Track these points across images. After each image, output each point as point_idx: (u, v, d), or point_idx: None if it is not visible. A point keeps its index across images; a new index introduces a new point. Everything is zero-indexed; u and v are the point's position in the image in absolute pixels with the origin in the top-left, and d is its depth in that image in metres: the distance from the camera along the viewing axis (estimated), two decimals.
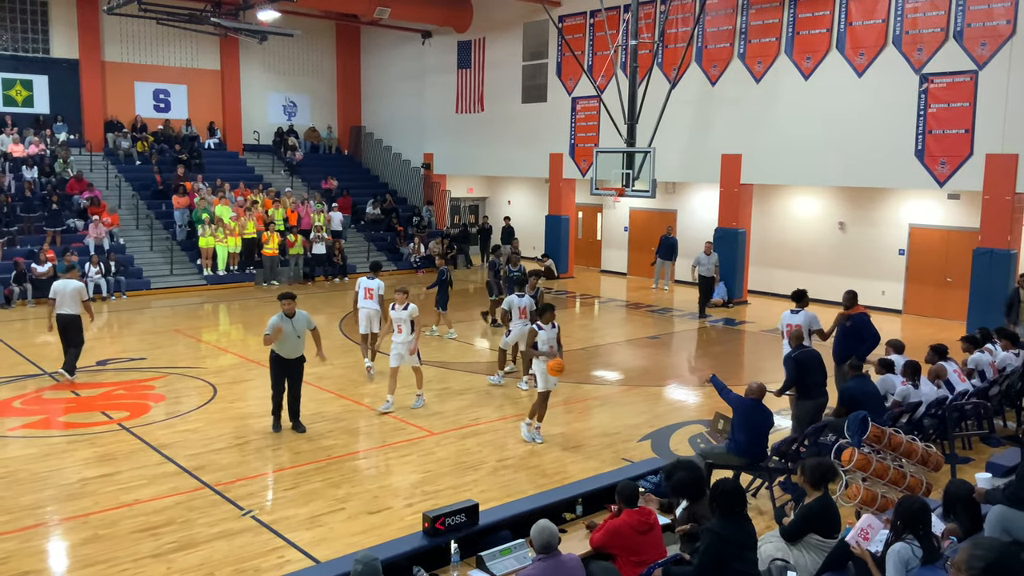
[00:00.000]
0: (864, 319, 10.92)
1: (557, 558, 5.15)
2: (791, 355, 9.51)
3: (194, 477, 8.84)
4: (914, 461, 8.21)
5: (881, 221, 19.47)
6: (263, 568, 6.88)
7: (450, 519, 5.93)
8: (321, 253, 23.23)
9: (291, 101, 29.91)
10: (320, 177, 27.62)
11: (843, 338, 10.92)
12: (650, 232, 23.26)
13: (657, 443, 10.16)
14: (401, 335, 11.10)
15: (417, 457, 9.55)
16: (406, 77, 28.84)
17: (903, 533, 5.28)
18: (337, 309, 19.04)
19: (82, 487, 8.54)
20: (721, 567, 5.38)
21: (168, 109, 27.26)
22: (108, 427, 10.47)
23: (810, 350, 9.63)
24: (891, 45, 17.12)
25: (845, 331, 10.94)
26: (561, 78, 23.75)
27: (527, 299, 12.79)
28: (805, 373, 9.33)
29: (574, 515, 6.67)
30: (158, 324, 17.42)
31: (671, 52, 20.51)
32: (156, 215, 23.33)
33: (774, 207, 21.30)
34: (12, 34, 24.52)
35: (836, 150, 17.97)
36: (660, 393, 12.73)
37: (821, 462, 6.29)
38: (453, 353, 14.92)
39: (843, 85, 17.84)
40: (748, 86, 19.48)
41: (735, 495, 5.60)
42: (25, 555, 7.08)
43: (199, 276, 21.93)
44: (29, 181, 21.94)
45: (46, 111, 25.17)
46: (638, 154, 18.22)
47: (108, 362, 13.82)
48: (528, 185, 28.09)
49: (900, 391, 9.45)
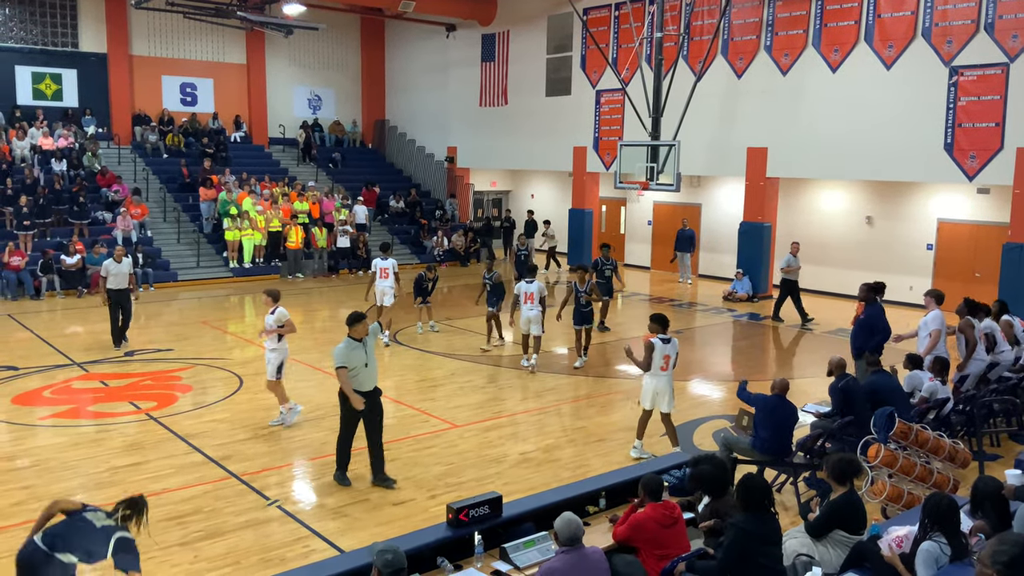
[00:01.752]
0: (879, 311, 10.89)
1: (580, 551, 5.15)
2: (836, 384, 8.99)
3: (221, 467, 8.94)
4: (941, 458, 8.13)
5: (909, 216, 19.25)
6: (288, 557, 6.94)
7: (474, 511, 5.95)
8: (345, 247, 23.35)
9: (316, 95, 30.05)
10: (345, 172, 27.79)
11: (859, 331, 10.89)
12: (674, 226, 23.15)
13: (681, 437, 10.11)
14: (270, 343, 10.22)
15: (440, 449, 9.59)
16: (430, 70, 28.87)
17: (931, 531, 5.23)
18: (361, 302, 19.08)
19: (111, 476, 8.66)
20: (745, 562, 5.36)
21: (195, 103, 27.49)
22: (136, 417, 10.60)
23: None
24: (920, 37, 16.90)
25: (861, 324, 10.91)
26: (585, 71, 23.67)
27: (536, 285, 13.09)
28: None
29: (597, 508, 6.66)
30: (185, 316, 17.60)
31: (697, 44, 20.37)
32: (183, 208, 23.55)
33: (800, 201, 21.13)
34: (42, 28, 24.82)
35: (864, 144, 17.77)
36: (684, 388, 12.66)
37: (844, 458, 6.25)
38: (475, 345, 14.94)
39: (871, 78, 17.63)
40: (775, 79, 19.31)
41: (761, 490, 5.58)
42: None
43: (225, 268, 22.12)
44: (58, 174, 22.22)
45: (75, 104, 25.47)
46: (663, 147, 18.13)
47: (136, 353, 13.99)
48: (552, 179, 28.05)
49: (927, 387, 9.35)
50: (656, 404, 9.18)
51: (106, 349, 14.09)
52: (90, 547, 5.06)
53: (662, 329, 9.14)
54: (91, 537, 5.07)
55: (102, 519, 5.18)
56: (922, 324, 10.77)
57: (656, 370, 9.08)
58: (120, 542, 5.11)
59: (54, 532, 5.05)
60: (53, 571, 4.95)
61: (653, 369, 9.08)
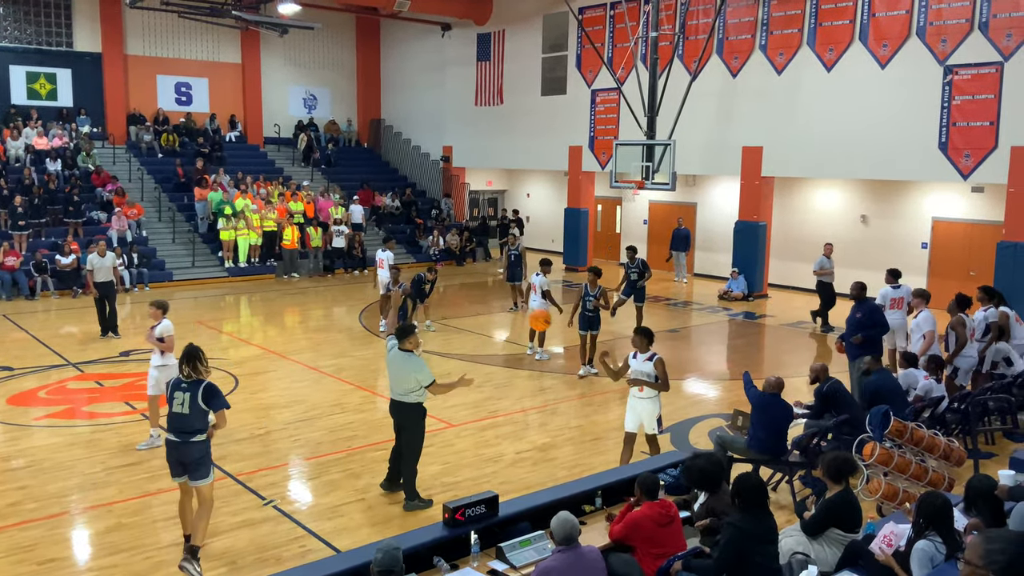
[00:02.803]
0: (874, 307, 10.99)
1: (577, 550, 5.15)
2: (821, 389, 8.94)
3: (216, 467, 8.90)
4: (936, 456, 8.15)
5: (904, 214, 19.30)
6: (285, 557, 6.94)
7: (470, 510, 5.94)
8: (341, 246, 23.34)
9: (311, 94, 30.01)
10: (340, 171, 27.77)
11: (856, 329, 10.81)
12: (670, 225, 23.17)
13: (676, 436, 10.15)
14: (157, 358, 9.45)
15: (437, 448, 9.59)
16: (426, 70, 28.85)
17: (926, 530, 5.25)
18: (357, 301, 19.13)
19: (106, 476, 8.64)
20: (741, 561, 5.37)
21: (190, 102, 27.45)
22: (131, 417, 10.59)
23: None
24: (915, 36, 16.93)
25: (856, 322, 10.83)
26: (581, 70, 23.68)
27: (540, 278, 13.84)
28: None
29: (594, 507, 6.66)
30: (180, 316, 17.51)
31: (692, 44, 20.39)
32: (178, 207, 23.50)
33: (795, 200, 21.16)
34: (36, 28, 24.75)
35: (859, 142, 17.80)
36: (679, 387, 12.69)
37: (840, 456, 6.26)
38: (473, 345, 14.95)
39: (866, 77, 17.67)
40: (770, 78, 19.34)
41: (757, 489, 5.59)
42: (51, 543, 7.18)
43: (220, 268, 22.08)
44: (52, 174, 22.16)
45: (69, 104, 25.42)
46: (658, 147, 18.14)
47: (131, 353, 13.96)
48: (547, 178, 28.06)
49: (923, 385, 9.39)
50: (642, 426, 8.47)
51: (101, 349, 14.07)
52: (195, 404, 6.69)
53: (646, 345, 8.42)
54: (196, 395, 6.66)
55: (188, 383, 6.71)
56: (914, 326, 10.80)
57: (633, 390, 8.45)
58: (207, 389, 6.68)
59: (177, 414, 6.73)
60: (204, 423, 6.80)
61: (632, 388, 8.47)
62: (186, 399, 6.67)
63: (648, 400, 8.39)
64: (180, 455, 6.75)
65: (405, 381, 7.78)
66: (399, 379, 7.83)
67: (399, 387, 7.86)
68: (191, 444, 6.70)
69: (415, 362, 7.78)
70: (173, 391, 6.75)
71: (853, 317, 10.93)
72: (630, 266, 15.81)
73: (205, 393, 6.66)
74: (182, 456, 6.74)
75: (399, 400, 7.88)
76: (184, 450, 6.71)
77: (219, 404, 6.73)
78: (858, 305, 10.93)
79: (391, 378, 7.94)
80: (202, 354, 6.83)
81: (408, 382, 7.77)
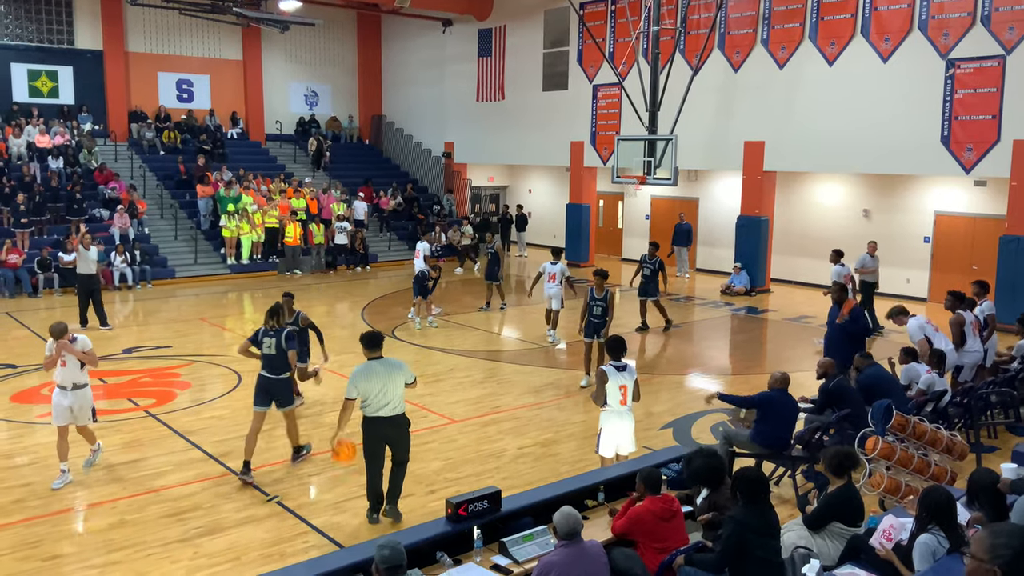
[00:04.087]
0: (860, 311, 10.78)
1: (580, 544, 5.16)
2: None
3: (220, 463, 8.95)
4: (939, 450, 8.15)
5: (906, 208, 19.28)
6: (288, 553, 6.96)
7: (473, 505, 5.96)
8: (343, 243, 23.34)
9: (313, 91, 30.01)
10: (342, 168, 27.77)
11: (840, 335, 10.44)
12: (672, 220, 23.15)
13: (679, 431, 10.16)
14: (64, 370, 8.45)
15: (439, 444, 9.61)
16: (427, 66, 28.83)
17: (928, 524, 5.25)
18: (360, 298, 19.15)
19: (110, 473, 8.67)
20: (743, 555, 5.38)
21: (191, 99, 27.45)
22: (135, 414, 10.61)
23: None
24: (917, 30, 16.90)
25: (841, 328, 10.46)
26: (582, 65, 23.65)
27: (559, 266, 14.54)
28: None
29: (596, 502, 6.67)
30: (183, 312, 17.60)
31: (693, 38, 20.36)
32: (180, 204, 23.52)
33: (797, 194, 21.15)
34: (37, 25, 24.76)
35: (861, 137, 17.79)
36: (681, 382, 12.71)
37: (842, 451, 6.27)
38: (474, 341, 14.96)
39: (868, 71, 17.64)
40: (771, 72, 19.31)
41: (758, 483, 5.60)
42: (55, 539, 7.20)
43: (223, 265, 22.11)
44: (54, 171, 22.18)
45: (71, 102, 25.44)
46: (660, 142, 18.13)
47: (134, 350, 13.99)
48: (549, 173, 28.04)
49: (924, 379, 9.38)
50: (617, 449, 7.85)
51: (104, 347, 14.08)
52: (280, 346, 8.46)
53: (617, 355, 7.90)
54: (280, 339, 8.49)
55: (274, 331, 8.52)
56: (910, 337, 10.56)
57: (614, 404, 7.74)
58: (287, 335, 8.53)
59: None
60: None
61: (610, 404, 7.74)
62: (273, 343, 8.45)
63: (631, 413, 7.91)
64: (270, 388, 8.50)
65: (397, 388, 7.26)
66: (391, 390, 7.21)
67: (392, 397, 7.22)
68: (281, 379, 8.53)
69: (399, 364, 7.41)
70: (262, 337, 8.52)
71: (836, 324, 10.65)
72: (647, 261, 15.61)
73: (286, 337, 8.49)
74: (272, 389, 8.50)
75: (394, 415, 7.28)
76: (275, 384, 8.50)
77: (291, 346, 8.51)
78: (839, 307, 10.55)
79: (380, 394, 7.15)
80: (283, 308, 9.07)
81: (399, 388, 7.29)
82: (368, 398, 7.19)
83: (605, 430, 7.82)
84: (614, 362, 7.83)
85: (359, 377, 7.20)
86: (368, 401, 7.20)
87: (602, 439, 7.85)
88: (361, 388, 7.18)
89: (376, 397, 7.18)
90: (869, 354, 9.42)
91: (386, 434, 7.31)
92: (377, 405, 7.20)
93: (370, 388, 7.16)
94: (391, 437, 7.36)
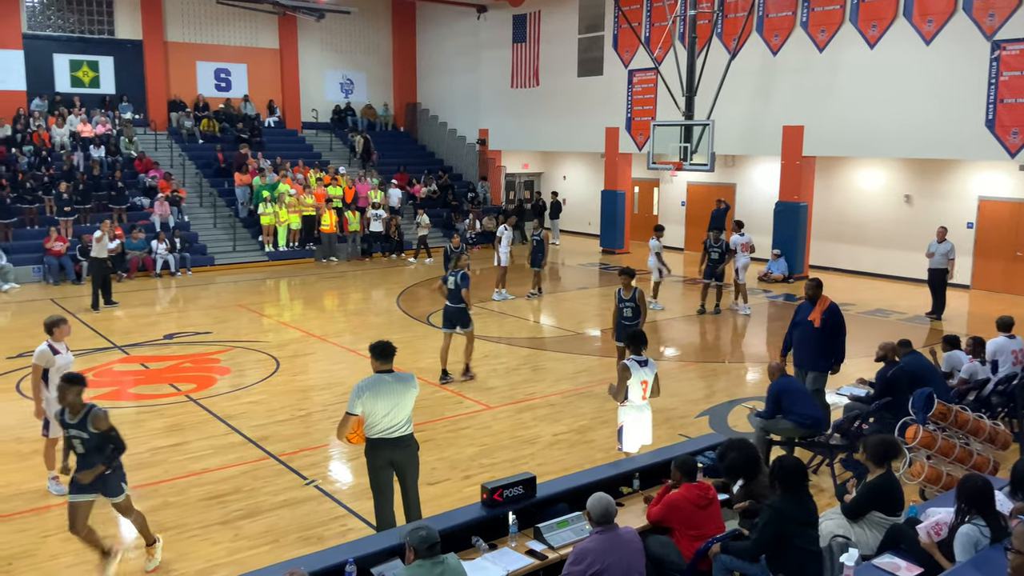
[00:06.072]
0: (835, 307, 9.29)
1: (615, 531, 5.16)
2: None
3: (259, 447, 9.08)
4: (981, 439, 8.02)
5: (949, 194, 18.89)
6: (326, 536, 7.05)
7: (508, 491, 5.98)
8: (378, 230, 23.46)
9: (348, 79, 30.14)
10: (377, 155, 27.90)
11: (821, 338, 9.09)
12: (709, 207, 22.92)
13: (715, 419, 10.11)
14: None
15: (474, 431, 9.65)
16: (461, 53, 28.80)
17: (968, 514, 5.17)
18: (394, 285, 19.26)
19: (152, 456, 8.83)
20: (781, 543, 5.35)
21: (229, 88, 27.72)
22: (176, 399, 10.80)
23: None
24: (961, 11, 16.50)
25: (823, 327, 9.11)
26: (617, 50, 23.46)
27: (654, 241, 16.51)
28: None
29: (631, 489, 6.66)
30: (222, 299, 17.84)
31: (731, 22, 20.08)
32: (219, 192, 23.81)
33: (837, 180, 20.83)
34: (79, 16, 25.14)
35: (902, 121, 17.45)
36: (718, 369, 12.62)
37: (884, 439, 6.19)
38: (509, 328, 14.98)
39: (910, 53, 17.28)
40: (811, 55, 18.99)
41: (797, 472, 5.54)
42: (99, 521, 7.33)
43: (261, 252, 22.36)
44: (96, 160, 22.55)
45: (112, 91, 25.81)
46: (696, 127, 17.94)
47: (175, 336, 14.22)
48: (584, 160, 27.92)
49: (967, 368, 9.22)
50: (639, 443, 7.76)
51: (146, 332, 14.35)
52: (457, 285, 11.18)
53: (638, 350, 7.75)
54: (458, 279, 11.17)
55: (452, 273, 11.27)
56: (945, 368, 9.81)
57: (636, 399, 7.63)
58: (463, 276, 11.17)
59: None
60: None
61: (632, 398, 7.62)
62: (454, 280, 11.11)
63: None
64: (452, 315, 11.27)
65: (406, 409, 6.46)
66: (399, 413, 6.40)
67: (400, 419, 6.41)
68: (460, 308, 11.21)
69: (411, 379, 6.58)
70: (449, 277, 11.25)
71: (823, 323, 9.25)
72: (712, 245, 15.87)
73: (462, 278, 11.14)
74: (452, 316, 11.27)
75: (405, 434, 6.46)
76: (455, 313, 11.24)
77: (464, 284, 11.16)
78: (815, 307, 9.19)
79: (387, 416, 6.35)
80: (455, 257, 12.34)
81: (408, 408, 6.49)
82: (373, 418, 6.32)
83: (626, 426, 7.72)
84: (636, 356, 7.71)
85: (366, 392, 6.28)
86: (373, 421, 6.33)
87: (625, 435, 7.73)
88: (367, 406, 6.29)
89: (383, 418, 6.32)
90: (908, 342, 9.27)
91: (392, 459, 6.44)
92: (383, 426, 6.34)
93: (376, 408, 6.30)
94: (398, 461, 6.47)
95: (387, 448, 6.40)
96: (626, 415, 7.70)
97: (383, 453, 6.40)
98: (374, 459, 6.44)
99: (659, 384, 7.87)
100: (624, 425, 7.72)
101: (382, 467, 6.45)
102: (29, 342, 13.55)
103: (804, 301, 9.38)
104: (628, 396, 7.63)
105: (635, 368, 7.59)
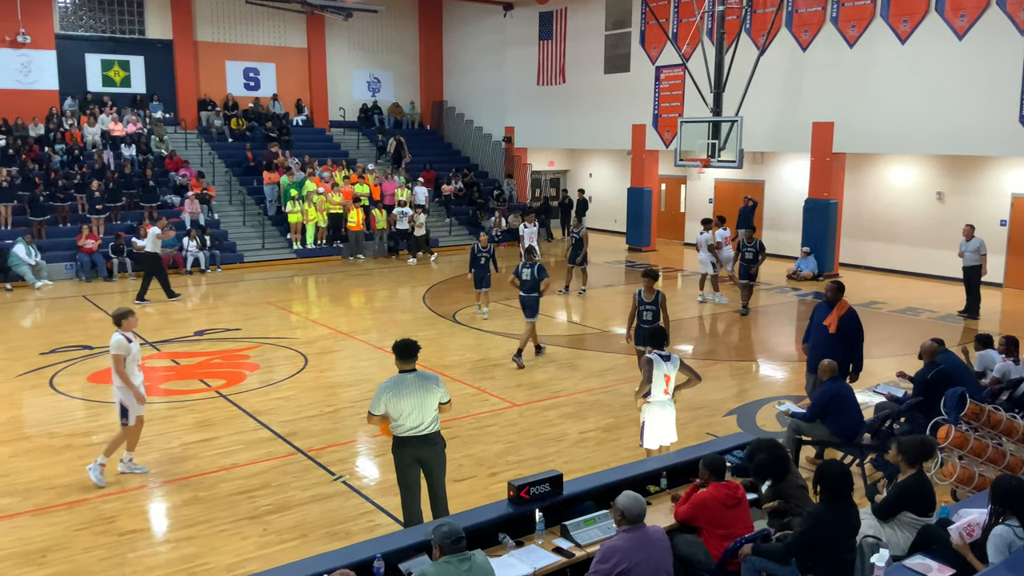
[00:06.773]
0: (853, 312, 9.21)
1: (642, 530, 5.14)
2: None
3: (288, 443, 9.15)
4: (1015, 439, 7.89)
5: (982, 191, 18.61)
6: (354, 531, 7.09)
7: (535, 488, 5.97)
8: (404, 228, 23.52)
9: (375, 77, 30.27)
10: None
11: (838, 343, 8.97)
12: (737, 204, 22.75)
13: (743, 418, 10.03)
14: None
15: (500, 428, 9.66)
16: (487, 51, 28.82)
17: (1003, 515, 5.09)
18: (421, 283, 19.31)
19: (182, 451, 8.94)
20: (816, 551, 5.27)
21: (258, 87, 27.95)
22: (206, 394, 10.91)
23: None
24: (994, 5, 16.23)
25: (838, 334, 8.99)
26: (644, 47, 23.35)
27: (705, 235, 16.81)
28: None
29: (659, 488, 6.63)
30: (251, 296, 17.99)
31: (760, 17, 19.91)
32: (248, 191, 24.02)
33: (868, 177, 20.59)
34: (110, 16, 25.47)
35: (934, 117, 17.20)
36: (746, 368, 12.53)
37: (919, 439, 6.10)
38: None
39: (942, 49, 17.03)
40: (841, 51, 18.78)
41: (842, 479, 5.38)
42: (130, 515, 7.46)
43: (289, 250, 22.53)
44: (127, 159, 22.84)
45: (143, 91, 26.13)
46: (724, 123, 17.81)
47: (205, 332, 14.36)
48: (610, 157, 27.83)
49: (1000, 367, 9.07)
50: (660, 440, 7.76)
51: (177, 329, 14.51)
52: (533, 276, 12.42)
53: (660, 345, 7.73)
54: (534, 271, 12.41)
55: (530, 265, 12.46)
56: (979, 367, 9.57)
57: (658, 395, 7.61)
58: (540, 267, 12.44)
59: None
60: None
61: (654, 394, 7.61)
62: (529, 272, 12.35)
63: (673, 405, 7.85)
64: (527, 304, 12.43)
65: (431, 408, 6.44)
66: (425, 411, 6.39)
67: (426, 418, 6.40)
68: (534, 297, 12.34)
69: (435, 378, 6.57)
70: (523, 268, 12.47)
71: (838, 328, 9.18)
72: (747, 245, 15.69)
73: (539, 269, 12.40)
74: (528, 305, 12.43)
75: (430, 432, 6.45)
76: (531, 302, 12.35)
77: (542, 276, 12.42)
78: (833, 311, 9.05)
79: (413, 414, 6.35)
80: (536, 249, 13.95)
81: (434, 407, 6.47)
82: (399, 417, 6.35)
83: (649, 422, 7.72)
84: (658, 351, 7.67)
85: (388, 392, 6.32)
86: (399, 420, 6.37)
87: (646, 432, 7.73)
88: (391, 406, 6.32)
89: (408, 417, 6.34)
90: (941, 340, 9.13)
91: (420, 456, 6.46)
92: (409, 425, 6.36)
93: (401, 407, 6.32)
94: (425, 459, 6.48)
95: (414, 445, 6.43)
96: (648, 412, 7.72)
97: (410, 450, 6.44)
98: (401, 456, 6.48)
99: (693, 373, 7.84)
100: (646, 422, 7.74)
101: (409, 464, 6.48)
102: (61, 338, 13.81)
103: (821, 301, 9.19)
104: (651, 391, 7.62)
105: (658, 362, 7.60)
